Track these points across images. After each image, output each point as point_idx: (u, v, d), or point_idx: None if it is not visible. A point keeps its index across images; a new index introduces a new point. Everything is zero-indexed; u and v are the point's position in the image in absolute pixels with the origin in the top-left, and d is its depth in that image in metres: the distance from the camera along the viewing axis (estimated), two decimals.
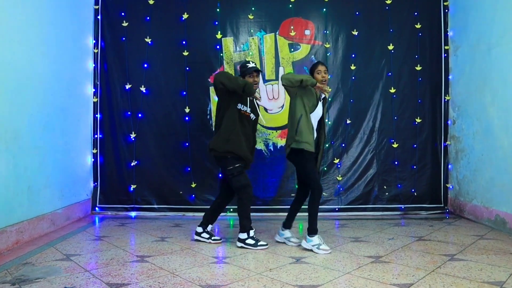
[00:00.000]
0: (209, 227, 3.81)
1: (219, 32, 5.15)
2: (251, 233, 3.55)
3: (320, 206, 5.09)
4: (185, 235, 4.09)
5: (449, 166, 5.22)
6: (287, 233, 3.73)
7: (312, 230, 3.44)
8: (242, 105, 3.65)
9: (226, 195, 3.82)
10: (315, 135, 3.59)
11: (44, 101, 4.11)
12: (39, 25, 4.03)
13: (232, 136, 3.56)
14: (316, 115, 3.58)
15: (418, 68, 5.20)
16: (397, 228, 4.37)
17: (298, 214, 3.78)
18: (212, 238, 3.76)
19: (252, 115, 3.74)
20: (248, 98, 3.68)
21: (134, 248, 3.60)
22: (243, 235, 3.55)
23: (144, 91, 5.17)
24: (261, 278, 2.77)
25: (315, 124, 3.58)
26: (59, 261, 3.11)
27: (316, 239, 3.41)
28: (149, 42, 5.17)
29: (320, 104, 3.59)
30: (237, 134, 3.58)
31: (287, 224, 3.74)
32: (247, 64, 3.71)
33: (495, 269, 2.90)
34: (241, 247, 3.55)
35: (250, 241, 3.53)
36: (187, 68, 5.14)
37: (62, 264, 3.04)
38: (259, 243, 3.53)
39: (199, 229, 3.79)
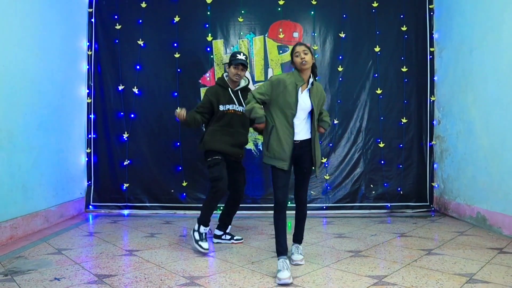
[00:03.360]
0: (229, 228, 3.79)
1: (209, 34, 5.27)
2: (202, 229, 3.41)
3: (308, 205, 5.25)
4: (174, 231, 4.21)
5: (435, 165, 5.34)
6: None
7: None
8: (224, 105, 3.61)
9: (232, 195, 3.74)
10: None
11: (38, 102, 4.24)
12: (34, 28, 4.16)
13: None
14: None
15: (404, 69, 5.31)
16: (382, 225, 4.49)
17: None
18: (235, 238, 3.76)
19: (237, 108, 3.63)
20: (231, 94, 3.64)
21: (124, 243, 3.72)
22: (196, 226, 3.44)
23: (136, 92, 5.28)
24: (242, 270, 2.89)
25: None
26: (50, 255, 3.24)
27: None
28: (142, 45, 5.29)
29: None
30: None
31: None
32: (237, 55, 3.61)
33: (469, 262, 3.02)
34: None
35: (196, 235, 3.41)
36: (179, 70, 5.26)
37: (54, 258, 3.16)
38: (199, 243, 3.36)
39: (218, 232, 3.76)
